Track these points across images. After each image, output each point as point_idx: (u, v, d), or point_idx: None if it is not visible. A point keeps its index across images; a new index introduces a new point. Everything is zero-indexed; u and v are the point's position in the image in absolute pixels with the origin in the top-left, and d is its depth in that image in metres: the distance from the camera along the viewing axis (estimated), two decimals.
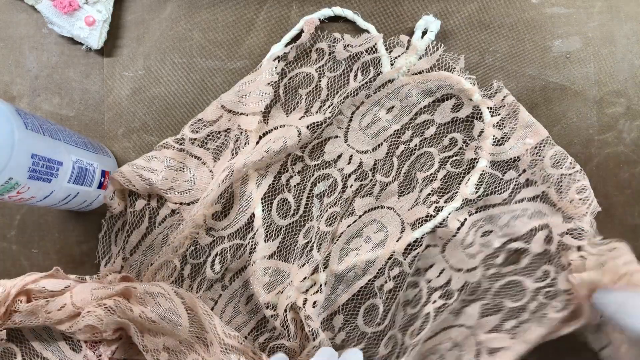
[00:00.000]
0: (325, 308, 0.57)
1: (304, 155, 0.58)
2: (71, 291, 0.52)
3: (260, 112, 0.56)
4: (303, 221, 0.58)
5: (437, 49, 0.56)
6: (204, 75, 0.59)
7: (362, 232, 0.58)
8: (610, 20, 0.59)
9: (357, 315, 0.57)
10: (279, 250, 0.57)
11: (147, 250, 0.57)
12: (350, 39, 0.57)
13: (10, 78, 0.60)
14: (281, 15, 0.59)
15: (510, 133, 0.56)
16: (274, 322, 0.55)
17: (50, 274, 0.53)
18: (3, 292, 0.50)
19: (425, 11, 0.58)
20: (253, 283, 0.56)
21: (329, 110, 0.56)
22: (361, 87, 0.57)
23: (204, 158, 0.58)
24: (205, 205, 0.55)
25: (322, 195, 0.58)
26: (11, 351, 0.55)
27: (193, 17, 0.59)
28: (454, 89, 0.56)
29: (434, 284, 0.57)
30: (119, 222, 0.58)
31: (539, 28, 0.59)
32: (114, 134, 0.59)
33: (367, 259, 0.57)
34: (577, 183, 0.55)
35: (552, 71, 0.59)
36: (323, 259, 0.57)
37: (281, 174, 0.58)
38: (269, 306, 0.55)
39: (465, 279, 0.57)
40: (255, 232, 0.57)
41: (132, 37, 0.60)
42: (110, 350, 0.54)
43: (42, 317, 0.51)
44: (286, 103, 0.58)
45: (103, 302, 0.51)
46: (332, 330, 0.57)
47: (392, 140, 0.58)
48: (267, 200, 0.58)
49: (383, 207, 0.58)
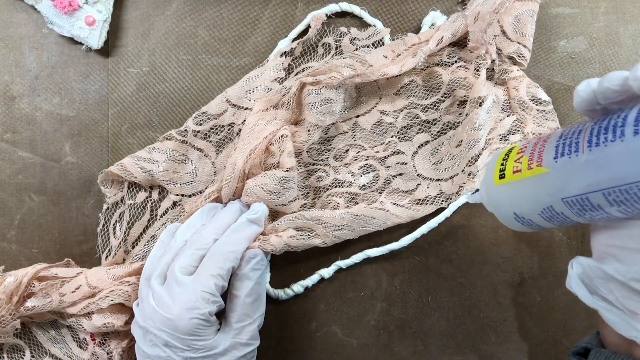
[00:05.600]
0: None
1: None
2: (85, 273, 0.52)
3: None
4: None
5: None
6: (209, 72, 0.59)
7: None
8: (616, 21, 0.59)
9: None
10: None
11: (149, 242, 0.57)
12: (357, 32, 0.57)
13: (10, 78, 0.59)
14: (286, 12, 0.59)
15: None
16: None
17: (62, 264, 0.54)
18: (15, 281, 0.50)
19: (432, 7, 0.59)
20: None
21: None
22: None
23: (206, 150, 0.57)
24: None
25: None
26: (20, 347, 0.56)
27: (198, 13, 0.59)
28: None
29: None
30: (115, 214, 0.58)
31: (544, 28, 0.59)
32: (118, 130, 0.59)
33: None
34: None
35: (557, 71, 0.59)
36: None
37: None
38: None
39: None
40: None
41: (137, 34, 0.59)
42: (121, 347, 0.53)
43: (56, 300, 0.51)
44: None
45: (125, 279, 0.52)
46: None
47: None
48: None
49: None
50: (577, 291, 0.37)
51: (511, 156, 0.39)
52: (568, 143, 0.34)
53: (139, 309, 0.50)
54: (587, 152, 0.32)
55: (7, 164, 0.59)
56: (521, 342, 0.58)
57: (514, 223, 0.40)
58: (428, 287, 0.59)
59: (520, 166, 0.38)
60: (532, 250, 0.58)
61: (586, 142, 0.33)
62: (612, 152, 0.31)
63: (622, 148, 0.30)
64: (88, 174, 0.59)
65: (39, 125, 0.59)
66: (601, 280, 0.35)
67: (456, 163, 0.56)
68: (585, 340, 0.42)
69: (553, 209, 0.36)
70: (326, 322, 0.59)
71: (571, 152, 0.34)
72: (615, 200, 0.32)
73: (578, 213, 0.35)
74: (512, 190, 0.39)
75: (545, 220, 0.38)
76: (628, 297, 0.34)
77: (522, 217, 0.39)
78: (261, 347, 0.52)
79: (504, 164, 0.40)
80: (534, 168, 0.37)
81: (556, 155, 0.35)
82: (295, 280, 0.58)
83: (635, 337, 0.34)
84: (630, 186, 0.30)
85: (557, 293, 0.58)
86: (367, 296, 0.59)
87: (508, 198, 0.40)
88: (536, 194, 0.37)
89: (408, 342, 0.58)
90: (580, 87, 0.34)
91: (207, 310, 0.47)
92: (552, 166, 0.35)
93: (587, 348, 0.41)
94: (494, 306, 0.58)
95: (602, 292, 0.35)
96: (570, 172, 0.34)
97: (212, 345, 0.48)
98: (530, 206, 0.38)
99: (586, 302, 0.37)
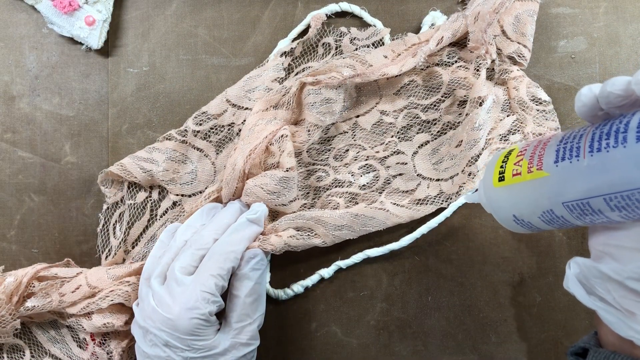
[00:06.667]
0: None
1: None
2: (85, 273, 0.52)
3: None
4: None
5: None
6: (209, 72, 0.59)
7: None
8: (616, 21, 0.59)
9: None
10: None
11: (149, 242, 0.57)
12: (357, 32, 0.58)
13: (10, 78, 0.59)
14: (286, 12, 0.59)
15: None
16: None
17: (62, 264, 0.54)
18: (15, 281, 0.50)
19: (432, 7, 0.59)
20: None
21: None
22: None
23: (206, 150, 0.57)
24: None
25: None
26: (20, 347, 0.56)
27: (198, 13, 0.59)
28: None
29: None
30: (115, 214, 0.58)
31: (544, 28, 0.59)
32: (118, 130, 0.59)
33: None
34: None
35: (557, 71, 0.59)
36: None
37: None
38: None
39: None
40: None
41: (137, 34, 0.59)
42: (121, 347, 0.53)
43: (56, 300, 0.51)
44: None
45: (125, 279, 0.52)
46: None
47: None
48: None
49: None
50: (575, 291, 0.37)
51: (511, 158, 0.39)
52: (569, 147, 0.34)
53: (139, 309, 0.50)
54: (589, 157, 0.32)
55: (7, 164, 0.59)
56: (521, 342, 0.58)
57: (513, 225, 0.40)
58: (428, 287, 0.59)
59: (520, 169, 0.38)
60: (532, 250, 0.58)
61: (587, 147, 0.33)
62: (613, 158, 0.31)
63: (624, 154, 0.30)
64: (88, 174, 0.59)
65: (39, 125, 0.59)
66: (598, 280, 0.35)
67: (456, 163, 0.56)
68: (584, 340, 0.42)
69: (553, 213, 0.36)
70: (326, 322, 0.59)
71: (572, 156, 0.34)
72: (617, 205, 0.32)
73: (578, 217, 0.35)
74: (511, 193, 0.39)
75: (545, 223, 0.38)
76: (625, 296, 0.34)
77: (521, 219, 0.39)
78: (261, 347, 0.52)
79: (503, 166, 0.40)
80: (534, 171, 0.36)
81: (557, 159, 0.35)
82: (295, 280, 0.58)
83: (633, 337, 0.34)
84: (632, 192, 0.30)
85: (557, 293, 0.58)
86: (367, 296, 0.59)
87: (507, 200, 0.39)
88: (536, 197, 0.37)
89: (408, 342, 0.58)
90: (582, 92, 0.34)
91: (207, 310, 0.47)
92: (552, 170, 0.35)
93: (586, 348, 0.41)
94: (494, 306, 0.58)
95: (599, 292, 0.35)
96: (571, 176, 0.34)
97: (212, 345, 0.48)
98: (530, 209, 0.38)
99: (584, 302, 0.37)
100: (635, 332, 0.34)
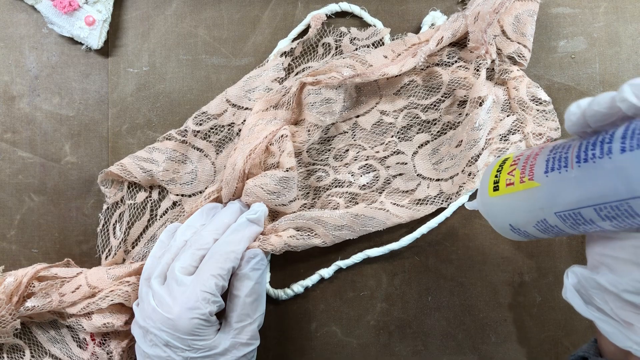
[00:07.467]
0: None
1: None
2: (85, 273, 0.53)
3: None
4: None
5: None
6: (209, 72, 0.59)
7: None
8: (616, 21, 0.59)
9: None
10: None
11: (149, 242, 0.57)
12: (357, 32, 0.58)
13: (10, 78, 0.59)
14: (286, 12, 0.59)
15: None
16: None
17: (62, 264, 0.54)
18: (15, 281, 0.50)
19: (432, 7, 0.59)
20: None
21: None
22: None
23: (206, 150, 0.57)
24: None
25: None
26: (20, 347, 0.56)
27: (198, 13, 0.59)
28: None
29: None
30: (115, 214, 0.58)
31: (544, 28, 0.59)
32: (118, 130, 0.59)
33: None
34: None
35: (557, 71, 0.59)
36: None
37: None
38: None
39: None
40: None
41: (137, 34, 0.59)
42: (121, 347, 0.53)
43: (56, 300, 0.51)
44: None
45: (125, 279, 0.52)
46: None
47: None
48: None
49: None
50: (573, 301, 0.37)
51: (505, 168, 0.39)
52: (558, 158, 0.34)
53: (139, 309, 0.50)
54: (576, 167, 0.32)
55: (7, 164, 0.59)
56: (521, 342, 0.58)
57: (510, 234, 0.40)
58: (428, 287, 0.59)
59: (512, 179, 0.38)
60: (532, 250, 0.58)
61: (575, 157, 0.33)
62: (600, 169, 0.31)
63: (609, 165, 0.30)
64: (88, 174, 0.59)
65: (39, 125, 0.59)
66: (596, 290, 0.35)
67: (456, 163, 0.56)
68: (583, 349, 0.42)
69: (547, 222, 0.36)
70: (326, 322, 0.59)
71: (561, 167, 0.34)
72: (607, 215, 0.32)
73: (572, 226, 0.35)
74: (506, 203, 0.39)
75: (541, 232, 0.37)
76: (622, 307, 0.34)
77: (517, 228, 0.39)
78: (261, 347, 0.52)
79: (497, 175, 0.40)
80: (525, 182, 0.36)
81: (547, 170, 0.35)
82: (295, 280, 0.58)
83: (630, 348, 0.34)
84: (620, 203, 0.30)
85: (557, 293, 0.58)
86: (367, 296, 0.59)
87: (503, 210, 0.40)
88: (529, 207, 0.37)
89: (408, 342, 0.58)
90: (570, 110, 0.34)
91: (207, 310, 0.47)
92: (543, 180, 0.35)
93: (585, 357, 0.41)
94: (494, 306, 0.58)
95: (597, 302, 0.35)
96: (561, 186, 0.34)
97: (212, 345, 0.48)
98: (524, 219, 0.38)
99: (581, 312, 0.37)
100: (633, 343, 0.34)
